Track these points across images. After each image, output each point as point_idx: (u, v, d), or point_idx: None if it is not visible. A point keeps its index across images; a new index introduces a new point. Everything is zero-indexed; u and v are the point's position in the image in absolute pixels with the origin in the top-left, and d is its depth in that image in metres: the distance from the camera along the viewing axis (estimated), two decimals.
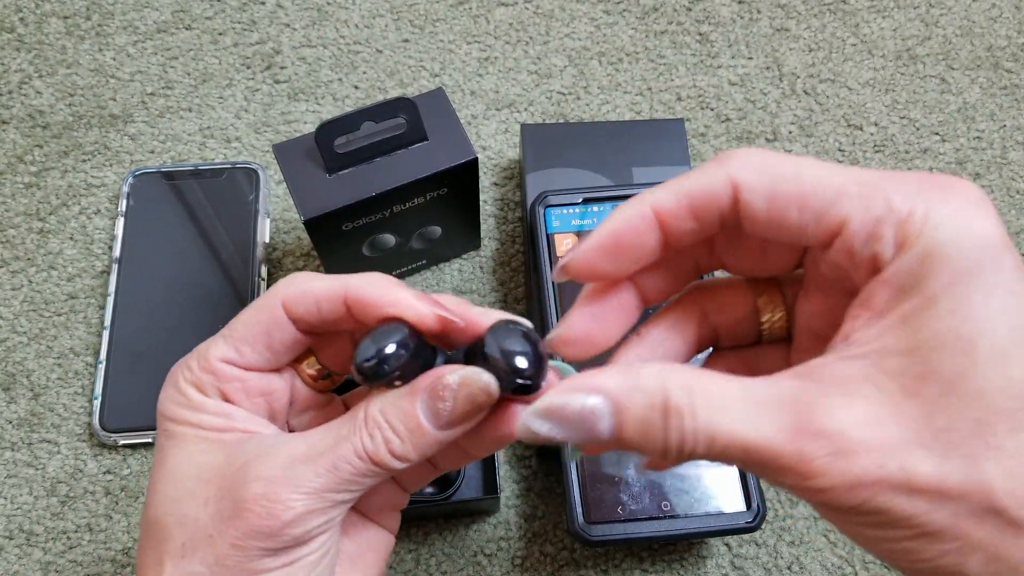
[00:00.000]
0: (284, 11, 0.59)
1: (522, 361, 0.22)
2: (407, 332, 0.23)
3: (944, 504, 0.17)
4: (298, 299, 0.24)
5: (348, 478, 0.22)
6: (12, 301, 0.50)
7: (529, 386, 0.22)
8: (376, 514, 0.27)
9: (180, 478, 0.23)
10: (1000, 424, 0.17)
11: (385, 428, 0.23)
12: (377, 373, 0.22)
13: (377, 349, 0.22)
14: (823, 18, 0.60)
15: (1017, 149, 0.55)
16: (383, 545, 0.27)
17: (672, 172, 0.49)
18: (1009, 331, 0.17)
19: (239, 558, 0.22)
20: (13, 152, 0.54)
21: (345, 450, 0.22)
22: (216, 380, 0.24)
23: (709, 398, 0.19)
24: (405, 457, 0.23)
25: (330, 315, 0.24)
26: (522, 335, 0.23)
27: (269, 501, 0.22)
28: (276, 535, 0.22)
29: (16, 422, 0.46)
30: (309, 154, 0.41)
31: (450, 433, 0.23)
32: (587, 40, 0.59)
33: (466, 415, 0.23)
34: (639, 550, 0.44)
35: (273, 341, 0.25)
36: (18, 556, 0.44)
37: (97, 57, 0.57)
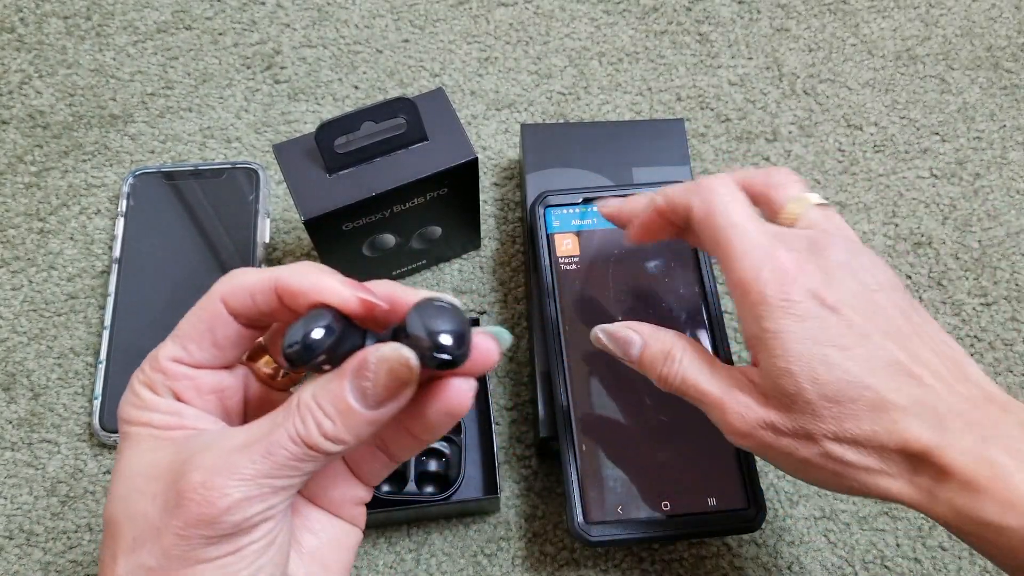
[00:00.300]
0: (284, 11, 0.59)
1: (443, 336, 0.22)
2: (332, 317, 0.23)
3: (800, 443, 0.29)
4: (234, 293, 0.25)
5: (284, 463, 0.23)
6: (12, 301, 0.50)
7: (452, 360, 0.22)
8: (337, 508, 0.27)
9: (131, 476, 0.24)
10: (819, 409, 0.29)
11: (316, 411, 0.23)
12: (302, 357, 0.23)
13: (302, 334, 0.23)
14: (823, 18, 0.60)
15: (1017, 149, 0.55)
16: (347, 540, 0.28)
17: (672, 172, 0.49)
18: (811, 346, 0.29)
19: (183, 548, 0.22)
20: (13, 152, 0.54)
21: (279, 435, 0.23)
22: (167, 379, 0.25)
23: (692, 359, 0.33)
24: (338, 438, 0.23)
25: (265, 306, 0.25)
26: (443, 311, 0.23)
27: (206, 489, 0.22)
28: (215, 523, 0.22)
29: (16, 422, 0.46)
30: (309, 154, 0.41)
31: (381, 412, 0.23)
32: (587, 40, 0.59)
33: (390, 391, 0.23)
34: (639, 550, 0.44)
35: (217, 337, 0.25)
36: (18, 556, 0.44)
37: (97, 57, 0.57)
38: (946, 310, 0.50)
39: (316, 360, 0.23)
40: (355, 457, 0.27)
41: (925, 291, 0.51)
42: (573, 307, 0.44)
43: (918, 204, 0.53)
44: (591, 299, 0.44)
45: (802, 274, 0.30)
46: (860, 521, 0.45)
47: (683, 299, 0.44)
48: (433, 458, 0.44)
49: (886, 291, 0.31)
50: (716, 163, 0.54)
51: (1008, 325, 0.50)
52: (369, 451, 0.27)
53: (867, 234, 0.52)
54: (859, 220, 0.53)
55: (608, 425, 0.41)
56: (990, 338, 0.49)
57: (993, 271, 0.51)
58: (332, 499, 0.27)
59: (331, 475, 0.27)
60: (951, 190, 0.54)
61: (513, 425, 0.47)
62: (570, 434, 0.40)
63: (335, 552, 0.27)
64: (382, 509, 0.41)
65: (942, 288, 0.51)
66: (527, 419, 0.47)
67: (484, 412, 0.45)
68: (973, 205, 0.53)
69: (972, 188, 0.54)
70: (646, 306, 0.44)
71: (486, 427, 0.45)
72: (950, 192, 0.54)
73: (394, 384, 0.23)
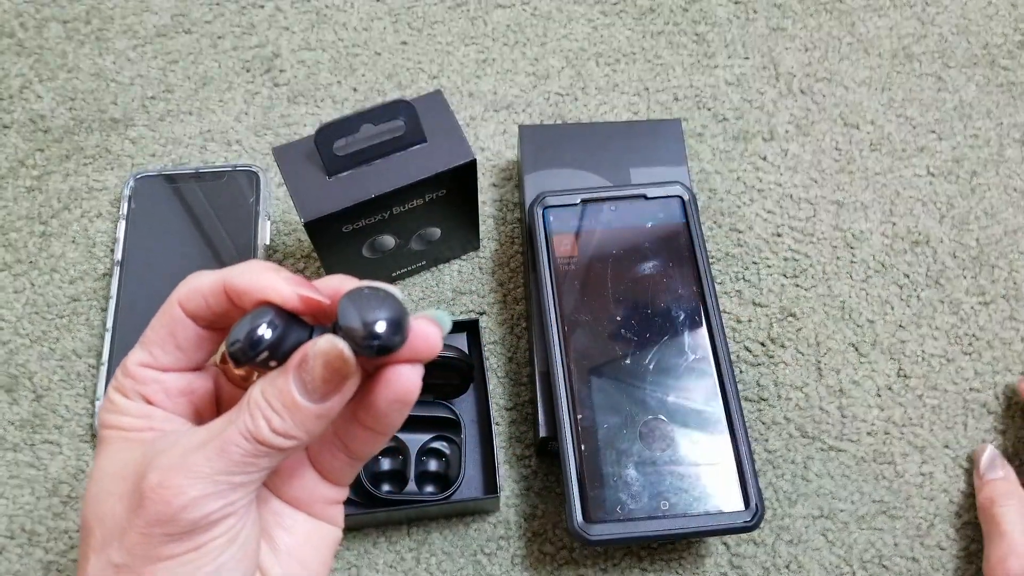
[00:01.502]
0: (283, 15, 0.59)
1: (372, 324, 0.22)
2: (274, 314, 0.23)
3: None
4: (189, 296, 0.25)
5: (238, 460, 0.23)
6: (15, 304, 0.50)
7: (384, 346, 0.22)
8: (308, 507, 0.28)
9: (102, 478, 0.25)
10: None
11: (264, 407, 0.23)
12: (246, 355, 0.23)
13: (244, 332, 0.23)
14: (819, 17, 0.60)
15: (1013, 146, 0.55)
16: (325, 538, 0.28)
17: (669, 172, 0.49)
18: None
19: (146, 546, 0.23)
20: (15, 156, 0.54)
21: (231, 432, 0.23)
22: (135, 384, 0.26)
23: None
24: (287, 433, 0.23)
25: (218, 307, 0.25)
26: (374, 298, 0.23)
27: (163, 488, 0.23)
28: (173, 520, 0.23)
29: (19, 423, 0.47)
30: (309, 157, 0.42)
31: (327, 406, 0.23)
32: (584, 41, 0.59)
33: (330, 384, 0.23)
34: (638, 549, 0.44)
35: (179, 340, 0.26)
36: (19, 556, 0.44)
37: (97, 61, 0.57)
38: (944, 309, 0.50)
39: (259, 357, 0.23)
40: (317, 456, 0.27)
41: (923, 290, 0.51)
42: (572, 307, 0.44)
43: (915, 202, 0.54)
44: (590, 299, 0.44)
45: None
46: (858, 520, 0.45)
47: (682, 299, 0.44)
48: (433, 458, 0.44)
49: None
50: (713, 163, 0.55)
51: (1006, 324, 0.50)
52: (329, 450, 0.27)
53: (864, 233, 0.53)
54: (856, 219, 0.53)
55: (608, 425, 0.41)
56: (988, 337, 0.50)
57: (991, 269, 0.51)
58: (301, 498, 0.27)
59: (297, 474, 0.27)
60: (948, 188, 0.54)
61: (513, 425, 0.47)
62: (570, 434, 0.41)
63: (311, 550, 0.27)
64: (382, 508, 0.42)
65: (940, 287, 0.51)
66: (527, 419, 0.47)
67: (484, 412, 0.46)
68: (970, 203, 0.54)
69: (969, 186, 0.54)
70: (645, 306, 0.44)
71: (486, 427, 0.45)
72: (947, 190, 0.54)
73: (333, 376, 0.23)
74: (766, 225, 0.53)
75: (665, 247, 0.46)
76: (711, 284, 0.45)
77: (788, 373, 0.48)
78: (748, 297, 0.51)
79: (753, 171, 0.54)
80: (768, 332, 0.50)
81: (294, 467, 0.27)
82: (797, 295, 0.51)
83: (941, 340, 0.49)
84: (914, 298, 0.51)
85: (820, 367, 0.49)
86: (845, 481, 0.46)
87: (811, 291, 0.51)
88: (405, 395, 0.24)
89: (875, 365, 0.49)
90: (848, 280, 0.51)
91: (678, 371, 0.42)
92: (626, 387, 0.42)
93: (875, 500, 0.45)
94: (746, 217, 0.53)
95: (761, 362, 0.49)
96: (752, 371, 0.48)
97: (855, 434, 0.47)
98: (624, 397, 0.42)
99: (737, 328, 0.50)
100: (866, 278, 0.51)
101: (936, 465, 0.46)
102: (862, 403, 0.48)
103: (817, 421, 0.47)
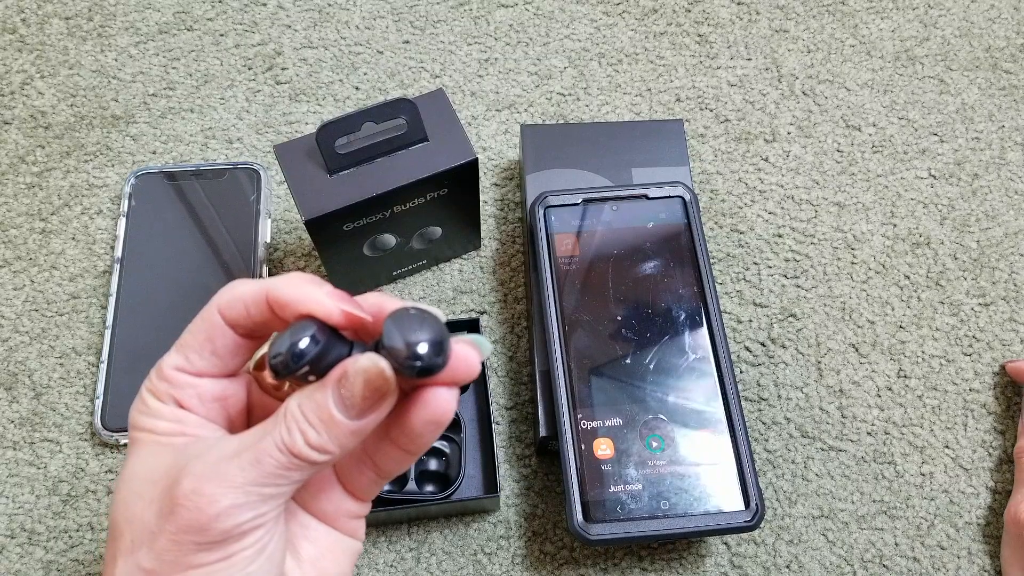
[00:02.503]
0: (285, 12, 0.59)
1: (416, 345, 0.22)
2: (316, 328, 0.23)
3: None
4: (230, 304, 0.25)
5: (272, 471, 0.23)
6: (14, 301, 0.50)
7: (426, 368, 0.22)
8: (332, 520, 0.28)
9: (133, 480, 0.25)
10: None
11: (301, 420, 0.23)
12: (287, 367, 0.23)
13: (287, 346, 0.23)
14: (822, 19, 0.60)
15: (1015, 150, 0.55)
16: (346, 551, 0.28)
17: (671, 172, 0.49)
18: None
19: (176, 553, 0.23)
20: (15, 152, 0.54)
21: (266, 444, 0.23)
22: (170, 387, 0.26)
23: None
24: (323, 448, 0.23)
25: (258, 317, 0.25)
26: (419, 319, 0.23)
27: (197, 496, 0.23)
28: (205, 529, 0.23)
29: (18, 421, 0.47)
30: (310, 155, 0.42)
31: (363, 423, 0.24)
32: (587, 41, 0.59)
33: (368, 402, 0.23)
34: (638, 549, 0.44)
35: (216, 347, 0.26)
36: (20, 555, 0.44)
37: (99, 58, 0.57)
38: (944, 310, 0.50)
39: (300, 371, 0.23)
40: (345, 472, 0.28)
41: (923, 291, 0.51)
42: (573, 307, 0.44)
43: (916, 204, 0.54)
44: (591, 299, 0.44)
45: None
46: (859, 520, 0.45)
47: (682, 299, 0.44)
48: (433, 457, 0.44)
49: None
50: (715, 163, 0.55)
51: (1006, 325, 0.50)
52: (357, 467, 0.27)
53: (865, 234, 0.53)
54: (858, 220, 0.53)
55: (607, 424, 0.41)
56: (988, 338, 0.50)
57: (991, 271, 0.52)
58: (326, 511, 0.28)
59: (324, 488, 0.28)
60: (949, 190, 0.54)
61: (513, 425, 0.47)
62: (570, 433, 0.41)
63: (332, 562, 0.27)
64: (383, 508, 0.42)
65: (940, 288, 0.51)
66: (527, 419, 0.47)
67: (484, 412, 0.45)
68: (971, 205, 0.54)
69: (970, 188, 0.54)
70: (646, 306, 0.44)
71: (486, 427, 0.45)
72: (948, 192, 0.54)
73: (372, 394, 0.23)
74: (767, 226, 0.53)
75: (666, 247, 0.46)
76: (712, 284, 0.45)
77: (788, 373, 0.48)
78: (749, 297, 0.51)
79: (755, 172, 0.54)
80: (768, 332, 0.50)
81: (321, 481, 0.27)
82: (798, 296, 0.51)
83: (941, 341, 0.50)
84: (914, 299, 0.51)
85: (820, 367, 0.49)
86: (845, 481, 0.46)
87: (812, 292, 0.51)
88: (441, 416, 0.24)
89: (875, 366, 0.49)
90: (849, 281, 0.51)
91: (678, 371, 0.42)
92: (626, 387, 0.42)
93: (875, 500, 0.45)
94: (747, 218, 0.53)
95: (761, 362, 0.49)
96: (752, 371, 0.48)
97: (855, 434, 0.47)
98: (624, 397, 0.42)
99: (738, 328, 0.50)
100: (867, 279, 0.51)
101: (936, 465, 0.46)
102: (862, 403, 0.48)
103: (817, 421, 0.47)
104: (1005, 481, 0.46)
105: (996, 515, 0.45)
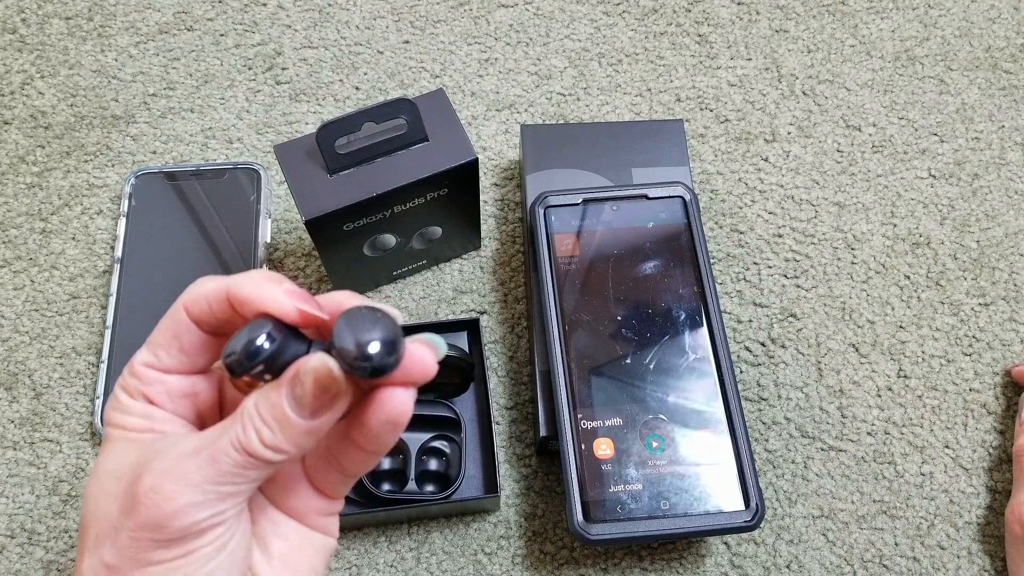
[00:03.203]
0: (285, 12, 0.59)
1: (366, 346, 0.22)
2: (272, 326, 0.23)
3: None
4: (195, 302, 0.26)
5: (228, 470, 0.23)
6: (14, 301, 0.50)
7: (377, 368, 0.22)
8: (301, 517, 0.28)
9: (102, 476, 0.25)
10: None
11: (256, 419, 0.23)
12: (241, 366, 0.23)
13: (241, 344, 0.23)
14: (822, 19, 0.60)
15: (1015, 150, 0.55)
16: (317, 548, 0.28)
17: (671, 172, 0.49)
18: None
19: (135, 549, 0.23)
20: (15, 152, 0.54)
21: (223, 443, 0.23)
22: (140, 384, 0.26)
23: None
24: (277, 447, 0.23)
25: (221, 314, 0.25)
26: (370, 319, 0.23)
27: (155, 493, 0.23)
28: (163, 526, 0.23)
29: (18, 421, 0.47)
30: (310, 155, 0.42)
31: (318, 422, 0.23)
32: (587, 41, 0.59)
33: (320, 402, 0.23)
34: (638, 549, 0.44)
35: (183, 344, 0.26)
36: (20, 555, 0.44)
37: (99, 58, 0.57)
38: (944, 310, 0.50)
39: (254, 370, 0.23)
40: (312, 470, 0.28)
41: (923, 291, 0.51)
42: (573, 307, 0.44)
43: (916, 204, 0.54)
44: (591, 299, 0.44)
45: None
46: (859, 520, 0.45)
47: (683, 299, 0.44)
48: (433, 457, 0.44)
49: None
50: (715, 163, 0.55)
51: (1006, 325, 0.50)
52: (323, 465, 0.27)
53: (865, 234, 0.53)
54: (858, 220, 0.53)
55: (607, 424, 0.41)
56: (988, 338, 0.50)
57: (991, 271, 0.52)
58: (296, 508, 0.28)
59: (293, 485, 0.28)
60: (949, 190, 0.54)
61: (513, 425, 0.47)
62: (570, 433, 0.41)
63: (302, 558, 0.28)
64: (383, 507, 0.42)
65: (940, 288, 0.51)
66: (527, 419, 0.47)
67: (484, 412, 0.45)
68: (971, 205, 0.54)
69: (970, 188, 0.54)
70: (646, 306, 0.44)
71: (486, 427, 0.45)
72: (948, 192, 0.54)
73: (322, 394, 0.23)
74: (767, 226, 0.53)
75: (666, 247, 0.46)
76: (712, 284, 0.45)
77: (788, 373, 0.48)
78: (749, 297, 0.51)
79: (755, 172, 0.54)
80: (768, 332, 0.50)
81: (289, 478, 0.28)
82: (798, 296, 0.51)
83: (941, 341, 0.50)
84: (914, 299, 0.51)
85: (820, 367, 0.49)
86: (845, 481, 0.46)
87: (812, 292, 0.51)
88: (397, 417, 0.24)
89: (875, 365, 0.49)
90: (849, 281, 0.51)
91: (679, 371, 0.42)
92: (627, 387, 0.42)
93: (875, 500, 0.45)
94: (747, 218, 0.53)
95: (761, 362, 0.49)
96: (752, 371, 0.48)
97: (855, 434, 0.47)
98: (625, 397, 0.42)
99: (738, 328, 0.50)
100: (867, 279, 0.51)
101: (936, 465, 0.46)
102: (862, 403, 0.48)
103: (817, 421, 0.47)
104: (1005, 481, 0.46)
105: (996, 515, 0.45)
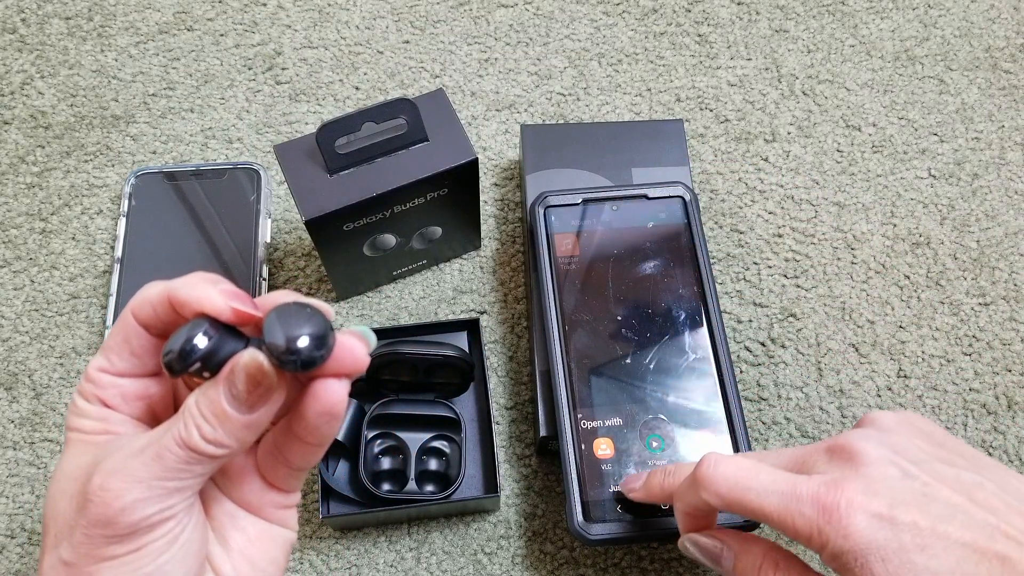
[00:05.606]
0: (285, 12, 0.59)
1: (295, 340, 0.23)
2: (208, 325, 0.24)
3: None
4: (140, 306, 0.26)
5: (172, 466, 0.24)
6: (14, 301, 0.50)
7: (306, 361, 0.23)
8: (258, 511, 0.28)
9: (60, 478, 0.26)
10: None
11: (197, 416, 0.24)
12: (179, 364, 0.23)
13: (178, 344, 0.23)
14: (822, 19, 0.60)
15: (1015, 149, 0.55)
16: (275, 540, 0.29)
17: (671, 172, 0.49)
18: None
19: (89, 546, 0.24)
20: (15, 152, 0.54)
21: (167, 440, 0.24)
22: (95, 388, 0.27)
23: (786, 573, 0.32)
24: (218, 442, 0.24)
25: (165, 317, 0.26)
26: (298, 313, 0.23)
27: (103, 491, 0.23)
28: (113, 523, 0.23)
29: (18, 421, 0.47)
30: (310, 155, 0.42)
31: (255, 416, 0.24)
32: (587, 41, 0.59)
33: (255, 396, 0.24)
34: (638, 549, 0.44)
35: (134, 348, 0.27)
36: (20, 555, 0.44)
37: (99, 58, 0.57)
38: (944, 310, 0.50)
39: (191, 367, 0.23)
40: (262, 464, 0.28)
41: (923, 291, 0.51)
42: (573, 307, 0.44)
43: (916, 204, 0.54)
44: (591, 299, 0.44)
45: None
46: None
47: (683, 299, 0.44)
48: (433, 457, 0.44)
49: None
50: (715, 163, 0.55)
51: (1006, 325, 0.50)
52: (271, 459, 0.28)
53: (865, 234, 0.53)
54: (857, 220, 0.53)
55: (607, 424, 0.41)
56: (988, 338, 0.50)
57: (991, 271, 0.52)
58: (251, 502, 0.28)
59: (244, 479, 0.28)
60: (949, 190, 0.54)
61: (513, 425, 0.47)
62: (570, 433, 0.41)
63: (261, 551, 0.28)
64: (382, 507, 0.42)
65: (940, 288, 0.51)
66: (527, 419, 0.47)
67: (484, 412, 0.45)
68: (971, 205, 0.54)
69: (970, 188, 0.54)
70: (646, 306, 0.44)
71: (486, 427, 0.45)
72: (948, 192, 0.54)
73: (255, 388, 0.24)
74: (767, 226, 0.53)
75: (666, 247, 0.46)
76: (712, 284, 0.45)
77: (788, 373, 0.48)
78: (749, 297, 0.51)
79: (755, 172, 0.54)
80: (768, 332, 0.50)
81: (241, 473, 0.28)
82: (798, 295, 0.51)
83: (941, 341, 0.50)
84: (914, 299, 0.51)
85: (820, 367, 0.49)
86: None
87: (812, 292, 0.51)
88: (332, 408, 0.25)
89: (875, 365, 0.49)
90: (849, 281, 0.51)
91: (679, 371, 0.42)
92: (626, 387, 0.42)
93: None
94: (747, 218, 0.53)
95: (761, 362, 0.49)
96: (752, 371, 0.48)
97: None
98: (624, 397, 0.42)
99: (738, 328, 0.50)
100: (867, 279, 0.51)
101: None
102: (862, 403, 0.48)
103: (817, 421, 0.47)
104: None
105: None
